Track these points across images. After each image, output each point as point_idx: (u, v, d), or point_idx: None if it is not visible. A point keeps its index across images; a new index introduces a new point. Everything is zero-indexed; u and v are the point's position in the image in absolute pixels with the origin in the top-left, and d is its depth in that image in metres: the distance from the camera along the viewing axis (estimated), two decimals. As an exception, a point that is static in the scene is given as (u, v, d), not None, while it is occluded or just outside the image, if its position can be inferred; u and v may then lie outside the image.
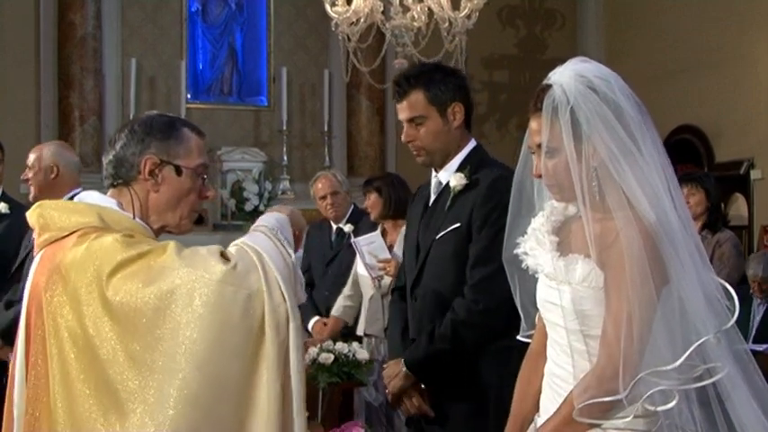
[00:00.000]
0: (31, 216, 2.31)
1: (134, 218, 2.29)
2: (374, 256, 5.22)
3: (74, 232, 2.21)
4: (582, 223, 2.36)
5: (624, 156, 2.26)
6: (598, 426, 2.26)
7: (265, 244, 2.18)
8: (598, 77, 2.32)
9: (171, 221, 2.37)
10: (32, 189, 4.63)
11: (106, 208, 2.28)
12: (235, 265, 2.09)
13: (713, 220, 5.64)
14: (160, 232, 2.39)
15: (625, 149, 2.26)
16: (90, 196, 2.35)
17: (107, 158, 2.37)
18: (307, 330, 5.94)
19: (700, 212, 5.52)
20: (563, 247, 2.39)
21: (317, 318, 5.83)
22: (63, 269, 2.14)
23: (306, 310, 5.84)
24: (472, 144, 3.43)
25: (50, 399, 2.10)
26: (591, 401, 2.21)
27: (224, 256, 2.12)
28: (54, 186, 4.56)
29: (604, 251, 2.24)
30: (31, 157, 4.66)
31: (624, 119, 2.29)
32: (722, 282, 2.32)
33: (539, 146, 2.35)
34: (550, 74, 2.38)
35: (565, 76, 2.33)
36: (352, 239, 5.39)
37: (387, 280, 5.11)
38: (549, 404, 2.42)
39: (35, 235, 2.31)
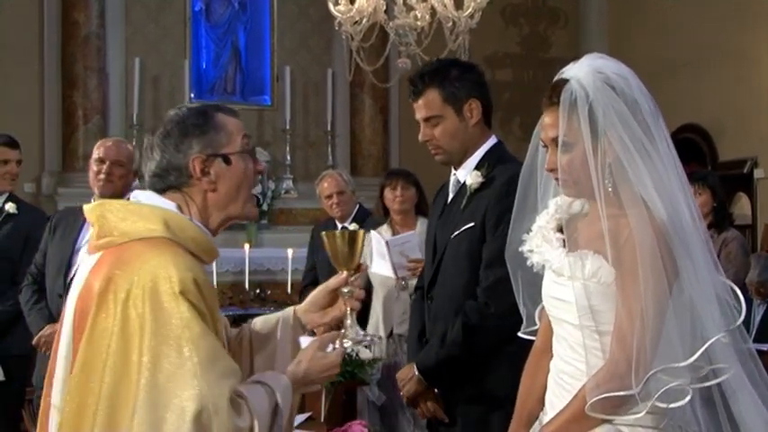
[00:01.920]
0: (91, 214, 2.23)
1: (191, 219, 2.22)
2: (405, 255, 5.18)
3: (138, 240, 2.14)
4: (589, 220, 2.37)
5: (639, 153, 2.25)
6: (609, 422, 2.26)
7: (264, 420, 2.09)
8: (615, 74, 2.31)
9: (234, 212, 2.30)
10: (110, 188, 4.39)
11: (170, 212, 2.20)
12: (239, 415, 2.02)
13: (719, 220, 5.62)
14: (223, 226, 2.33)
15: (641, 146, 2.26)
16: (146, 197, 2.26)
17: (149, 172, 2.28)
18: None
19: (706, 212, 5.49)
20: (570, 244, 2.38)
21: None
22: (118, 283, 2.07)
23: None
24: (492, 141, 3.36)
25: (94, 401, 2.05)
26: (604, 396, 2.21)
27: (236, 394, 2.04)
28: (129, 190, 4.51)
29: (618, 247, 2.24)
30: (129, 154, 4.48)
31: (640, 116, 2.28)
32: (729, 283, 2.32)
33: (553, 140, 2.34)
34: (565, 68, 2.37)
35: (582, 71, 2.32)
36: (386, 239, 5.32)
37: (414, 280, 5.07)
38: (556, 400, 2.42)
39: (93, 234, 2.23)
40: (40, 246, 4.68)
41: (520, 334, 2.64)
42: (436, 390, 3.33)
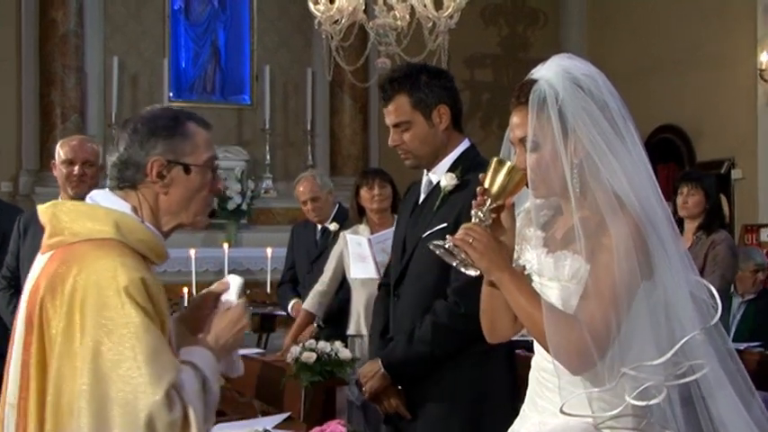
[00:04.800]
0: (44, 214, 2.25)
1: (143, 222, 2.24)
2: (387, 252, 5.16)
3: (87, 240, 2.17)
4: (565, 220, 2.37)
5: (611, 151, 2.26)
6: (590, 419, 2.27)
7: (198, 405, 2.14)
8: (584, 74, 2.32)
9: (185, 220, 2.32)
10: (84, 188, 4.27)
11: (123, 214, 2.22)
12: (176, 409, 2.06)
13: (710, 221, 5.54)
14: (174, 231, 2.34)
15: (611, 145, 2.27)
16: (103, 197, 2.28)
17: (111, 160, 2.29)
18: (286, 312, 6.11)
19: (698, 213, 5.45)
20: (549, 243, 2.39)
21: (295, 300, 5.91)
22: (64, 280, 2.11)
23: (288, 298, 5.99)
24: (465, 144, 3.39)
25: (44, 398, 2.10)
26: (575, 394, 2.23)
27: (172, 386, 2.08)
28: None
29: (592, 244, 2.24)
30: (96, 151, 4.45)
31: (609, 115, 2.29)
32: (704, 281, 2.33)
33: (520, 140, 2.34)
34: (534, 70, 2.38)
35: (551, 72, 2.33)
36: (367, 237, 5.32)
37: None
38: (537, 398, 2.42)
39: (45, 234, 2.24)
40: (10, 248, 4.62)
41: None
42: (399, 386, 3.34)
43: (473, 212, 2.35)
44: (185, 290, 7.89)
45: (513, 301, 2.30)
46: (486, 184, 2.33)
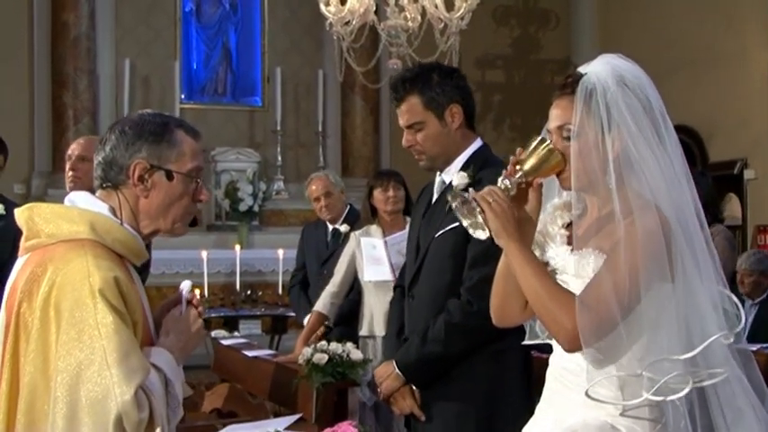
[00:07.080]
0: (21, 217, 2.27)
1: (122, 223, 2.26)
2: (402, 254, 5.14)
3: (62, 241, 2.19)
4: (592, 219, 2.38)
5: (651, 151, 2.29)
6: (613, 407, 2.28)
7: (160, 403, 2.17)
8: (631, 74, 2.37)
9: (163, 226, 2.33)
10: (78, 184, 4.22)
11: (98, 215, 2.24)
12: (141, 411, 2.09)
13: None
14: (152, 236, 2.36)
15: (651, 145, 2.30)
16: (81, 198, 2.30)
17: (97, 159, 2.32)
18: (300, 321, 6.04)
19: None
20: (573, 242, 2.39)
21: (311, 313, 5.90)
22: (40, 282, 2.14)
23: (301, 307, 5.89)
24: (477, 144, 3.38)
25: (16, 398, 2.14)
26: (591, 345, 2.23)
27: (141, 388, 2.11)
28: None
29: (621, 237, 2.25)
30: (88, 148, 4.25)
31: (653, 116, 2.34)
32: (729, 293, 2.34)
33: (558, 128, 2.36)
34: (581, 67, 2.41)
35: (598, 68, 2.37)
36: (382, 239, 5.32)
37: None
38: (556, 397, 2.42)
39: (22, 238, 2.27)
40: None
41: (526, 342, 2.62)
42: (414, 387, 3.34)
43: (500, 179, 2.35)
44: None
45: (518, 270, 2.31)
46: (522, 157, 2.35)
